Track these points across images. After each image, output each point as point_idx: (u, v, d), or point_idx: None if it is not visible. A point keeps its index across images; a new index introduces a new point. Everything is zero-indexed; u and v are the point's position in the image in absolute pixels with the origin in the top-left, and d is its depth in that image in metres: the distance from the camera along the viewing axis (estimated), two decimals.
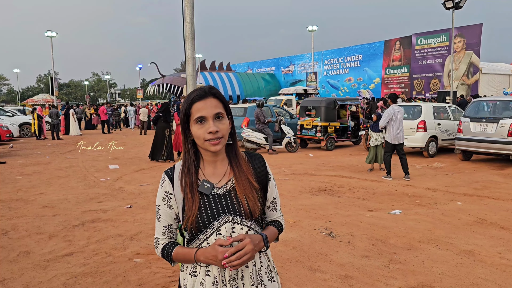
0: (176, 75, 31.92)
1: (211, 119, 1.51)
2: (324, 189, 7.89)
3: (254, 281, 1.55)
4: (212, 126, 1.50)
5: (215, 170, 1.61)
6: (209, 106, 1.52)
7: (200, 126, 1.52)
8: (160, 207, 1.61)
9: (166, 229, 1.61)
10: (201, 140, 1.52)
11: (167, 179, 1.60)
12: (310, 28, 36.40)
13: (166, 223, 1.61)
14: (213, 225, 1.52)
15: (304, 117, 14.81)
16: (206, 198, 1.54)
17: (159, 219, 1.61)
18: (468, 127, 10.67)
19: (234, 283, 1.52)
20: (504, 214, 5.98)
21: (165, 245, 1.60)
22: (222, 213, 1.53)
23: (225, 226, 1.52)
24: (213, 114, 1.51)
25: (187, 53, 4.76)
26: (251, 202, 1.56)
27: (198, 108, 1.52)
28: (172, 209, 1.60)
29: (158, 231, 1.62)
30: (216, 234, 1.52)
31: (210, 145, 1.52)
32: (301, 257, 4.44)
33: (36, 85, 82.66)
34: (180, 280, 1.64)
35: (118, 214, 6.31)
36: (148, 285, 3.81)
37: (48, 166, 11.34)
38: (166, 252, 1.59)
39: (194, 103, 1.53)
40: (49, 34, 32.60)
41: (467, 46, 27.34)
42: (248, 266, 1.55)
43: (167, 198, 1.59)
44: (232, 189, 1.58)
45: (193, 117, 1.52)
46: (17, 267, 4.30)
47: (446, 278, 3.87)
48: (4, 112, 22.77)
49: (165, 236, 1.61)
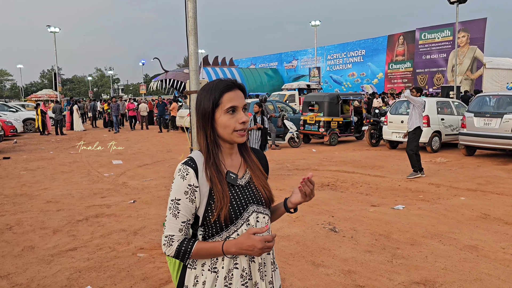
0: (179, 70, 31.84)
1: (242, 110, 1.53)
2: (327, 184, 7.89)
3: (273, 267, 1.62)
4: (244, 116, 1.52)
5: (232, 162, 1.61)
6: (239, 97, 1.54)
7: (231, 116, 1.51)
8: (180, 201, 1.49)
9: (184, 224, 1.51)
10: (230, 130, 1.51)
11: (191, 171, 1.49)
12: (313, 23, 36.22)
13: (185, 219, 1.51)
14: (243, 215, 1.52)
15: (307, 112, 14.79)
16: (233, 189, 1.54)
17: (178, 214, 1.50)
18: (471, 122, 10.62)
19: (262, 270, 1.55)
20: (507, 209, 5.96)
21: (181, 242, 1.50)
22: (249, 203, 1.55)
23: (253, 216, 1.54)
24: (243, 105, 1.53)
25: (190, 48, 4.74)
26: (268, 191, 1.61)
27: (230, 98, 1.51)
28: (193, 203, 1.50)
29: (173, 228, 1.50)
30: (246, 224, 1.52)
31: (238, 136, 1.52)
32: (304, 252, 4.45)
33: (40, 81, 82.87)
34: (186, 279, 1.56)
35: (122, 209, 6.33)
36: (152, 280, 3.83)
37: (52, 162, 11.39)
38: (184, 249, 1.49)
39: (226, 93, 1.52)
40: (52, 29, 32.63)
41: (471, 40, 27.17)
42: (270, 253, 1.60)
43: (190, 191, 1.49)
44: (250, 180, 1.60)
45: (224, 107, 1.51)
46: (22, 262, 4.33)
47: (449, 273, 3.86)
48: (8, 107, 22.83)
49: (182, 232, 1.51)
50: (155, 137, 18.36)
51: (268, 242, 1.44)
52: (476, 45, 26.91)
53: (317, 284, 3.69)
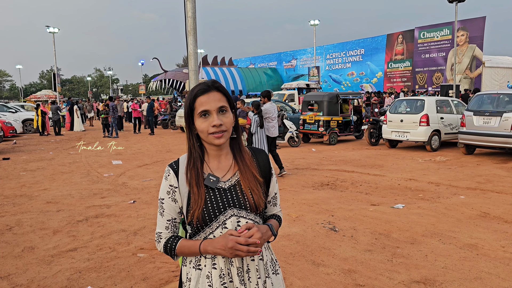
0: (178, 70, 31.88)
1: (215, 113, 1.52)
2: (326, 184, 7.89)
3: (261, 275, 1.57)
4: (215, 119, 1.51)
5: (220, 164, 1.62)
6: (213, 99, 1.53)
7: (204, 120, 1.52)
8: (164, 200, 1.59)
9: (170, 223, 1.60)
10: (205, 134, 1.53)
11: (172, 172, 1.59)
12: (312, 22, 36.22)
13: (170, 217, 1.59)
14: (218, 218, 1.53)
15: (306, 112, 14.79)
16: (212, 191, 1.55)
17: (163, 213, 1.60)
18: (471, 120, 10.63)
19: (241, 275, 1.53)
20: (507, 208, 5.97)
21: (168, 239, 1.58)
22: (228, 206, 1.54)
23: (231, 220, 1.53)
24: (216, 107, 1.52)
25: (189, 48, 4.75)
26: (256, 196, 1.58)
27: (201, 102, 1.53)
28: (176, 203, 1.58)
29: (160, 225, 1.61)
30: (222, 227, 1.53)
31: (214, 138, 1.53)
32: (304, 251, 4.45)
33: (39, 81, 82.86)
34: (182, 275, 1.62)
35: (122, 209, 6.33)
36: (152, 280, 3.83)
37: (51, 162, 11.38)
38: (169, 246, 1.57)
39: (198, 97, 1.53)
40: (51, 30, 32.60)
41: (470, 39, 27.18)
42: (254, 259, 1.56)
43: (171, 192, 1.58)
44: (237, 183, 1.59)
45: (197, 111, 1.53)
46: (22, 263, 4.33)
47: (449, 272, 3.87)
48: (7, 108, 22.81)
49: (168, 230, 1.60)
50: (154, 137, 18.34)
51: (240, 245, 1.43)
52: (475, 44, 26.93)
53: (317, 283, 3.70)
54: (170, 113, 23.37)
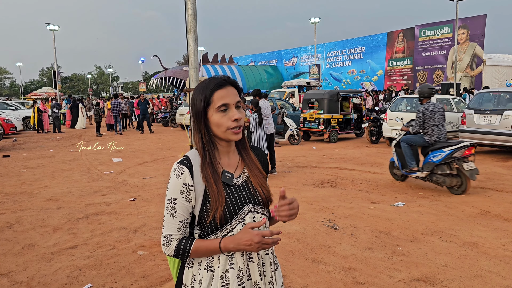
0: (178, 68, 31.80)
1: (234, 107, 1.50)
2: (327, 182, 7.89)
3: (273, 267, 1.60)
4: (236, 113, 1.49)
5: (230, 160, 1.59)
6: (231, 94, 1.51)
7: (223, 114, 1.49)
8: (176, 201, 1.49)
9: (182, 224, 1.51)
10: (223, 129, 1.49)
11: (186, 170, 1.49)
12: (312, 20, 36.15)
13: (183, 218, 1.50)
14: (238, 215, 1.51)
15: (307, 110, 14.78)
16: (229, 188, 1.53)
17: (175, 214, 1.49)
18: (471, 119, 10.62)
19: (260, 270, 1.54)
20: (507, 206, 5.96)
21: (180, 241, 1.50)
22: (245, 203, 1.53)
23: (249, 215, 1.53)
24: (235, 102, 1.50)
25: (189, 46, 4.73)
26: (266, 191, 1.59)
27: (221, 96, 1.49)
28: (190, 202, 1.50)
29: (171, 228, 1.50)
30: (242, 224, 1.51)
31: (233, 134, 1.50)
32: (304, 249, 4.45)
33: (39, 79, 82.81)
34: (184, 277, 1.56)
35: (122, 207, 6.33)
36: (152, 277, 3.83)
37: (51, 160, 11.38)
38: (183, 247, 1.48)
39: (216, 91, 1.49)
40: (52, 27, 32.54)
41: (471, 37, 27.13)
42: (268, 253, 1.58)
43: (186, 191, 1.48)
44: (248, 179, 1.58)
45: (215, 105, 1.49)
46: (22, 260, 4.33)
47: (449, 270, 3.87)
48: (8, 105, 22.80)
49: (180, 232, 1.51)
50: (154, 135, 18.33)
51: (266, 237, 1.43)
52: (476, 42, 26.88)
53: (317, 281, 3.70)
54: (171, 111, 23.39)
